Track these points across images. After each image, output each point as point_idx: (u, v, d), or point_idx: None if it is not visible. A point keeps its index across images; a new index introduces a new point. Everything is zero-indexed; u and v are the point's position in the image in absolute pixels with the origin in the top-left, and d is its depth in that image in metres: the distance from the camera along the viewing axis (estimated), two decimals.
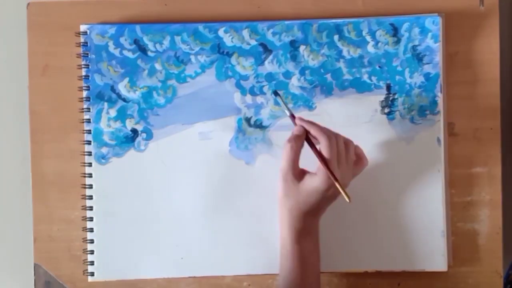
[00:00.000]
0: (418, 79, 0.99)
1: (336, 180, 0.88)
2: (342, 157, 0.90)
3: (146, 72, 0.99)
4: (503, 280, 1.01)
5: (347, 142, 0.92)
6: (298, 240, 0.92)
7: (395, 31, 0.99)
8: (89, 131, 0.99)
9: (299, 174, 0.91)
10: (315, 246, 0.94)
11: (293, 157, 0.91)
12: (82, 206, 0.99)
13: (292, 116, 0.93)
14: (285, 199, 0.92)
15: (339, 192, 0.89)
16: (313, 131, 0.91)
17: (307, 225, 0.92)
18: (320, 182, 0.89)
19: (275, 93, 0.96)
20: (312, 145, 0.91)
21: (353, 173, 0.93)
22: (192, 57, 0.99)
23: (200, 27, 0.99)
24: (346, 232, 0.99)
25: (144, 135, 0.99)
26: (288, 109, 0.94)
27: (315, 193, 0.90)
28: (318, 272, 0.94)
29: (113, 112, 0.99)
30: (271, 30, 0.99)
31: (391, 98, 0.99)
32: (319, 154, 0.89)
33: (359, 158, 0.94)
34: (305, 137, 0.92)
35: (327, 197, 0.91)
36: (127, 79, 0.99)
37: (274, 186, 0.95)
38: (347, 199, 0.87)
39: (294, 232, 0.92)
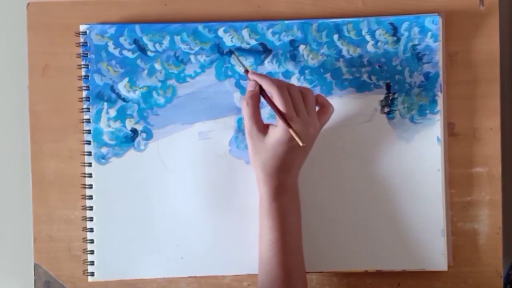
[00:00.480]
0: (418, 78, 0.99)
1: (289, 126, 0.87)
2: (300, 106, 0.90)
3: (145, 72, 0.99)
4: (503, 280, 1.01)
5: (304, 91, 0.91)
6: (275, 197, 0.92)
7: (394, 31, 0.99)
8: (89, 131, 0.99)
9: (264, 129, 0.91)
10: (294, 204, 0.94)
11: (252, 112, 0.91)
12: (82, 206, 0.99)
13: (246, 72, 0.94)
14: (256, 157, 0.92)
15: (310, 144, 0.91)
16: (265, 85, 0.91)
17: (282, 181, 0.92)
18: (282, 132, 0.88)
19: (231, 52, 0.97)
20: (267, 98, 0.91)
21: (320, 122, 0.92)
22: (192, 57, 0.99)
23: (200, 27, 0.99)
24: (346, 231, 0.99)
25: (144, 135, 0.99)
26: (243, 65, 0.95)
27: (280, 145, 0.89)
28: (299, 230, 0.93)
29: (113, 112, 0.99)
30: (270, 30, 0.99)
31: (391, 98, 0.99)
32: (274, 106, 0.89)
33: (323, 106, 0.93)
34: (259, 92, 0.92)
35: (293, 147, 0.90)
36: (126, 79, 0.99)
37: None
38: (300, 143, 0.87)
39: (270, 189, 0.92)
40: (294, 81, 0.99)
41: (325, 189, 0.99)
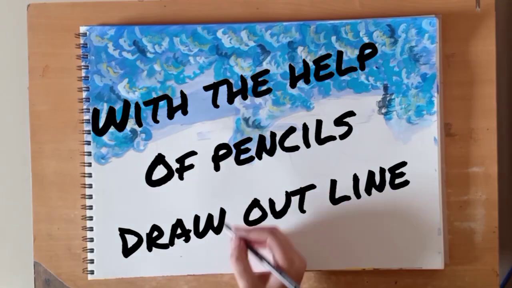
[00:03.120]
0: (415, 79, 0.99)
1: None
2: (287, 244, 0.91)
3: (145, 73, 0.99)
4: (501, 285, 1.02)
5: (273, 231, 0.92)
6: None
7: (392, 32, 0.99)
8: (88, 132, 0.99)
9: (260, 280, 0.90)
10: None
11: (243, 268, 0.90)
12: (82, 205, 1.00)
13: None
14: None
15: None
16: (255, 235, 0.92)
17: None
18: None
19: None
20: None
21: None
22: (191, 58, 0.99)
23: (199, 28, 0.99)
24: (344, 231, 0.99)
25: (143, 135, 0.99)
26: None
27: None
28: None
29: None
30: (269, 31, 0.99)
31: (388, 99, 1.00)
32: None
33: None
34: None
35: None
36: (126, 80, 0.99)
37: (273, 185, 0.96)
38: None
39: None
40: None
41: (323, 189, 0.99)
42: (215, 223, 0.99)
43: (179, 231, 0.99)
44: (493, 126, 1.00)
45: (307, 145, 0.99)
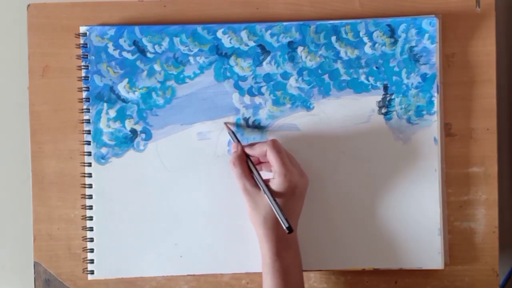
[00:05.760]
0: (415, 79, 0.99)
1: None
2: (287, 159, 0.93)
3: (145, 73, 0.99)
4: (501, 285, 1.02)
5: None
6: (278, 253, 0.91)
7: (392, 32, 0.99)
8: (88, 132, 0.99)
9: (257, 184, 0.93)
10: (297, 260, 0.93)
11: (241, 171, 0.93)
12: (82, 206, 1.00)
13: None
14: (255, 213, 0.92)
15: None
16: (256, 146, 0.95)
17: (284, 235, 0.91)
18: (281, 182, 0.90)
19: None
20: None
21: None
22: (191, 58, 0.99)
23: (199, 28, 0.99)
24: (344, 230, 0.99)
25: (143, 135, 1.00)
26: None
27: (281, 195, 0.91)
28: (302, 286, 0.93)
29: (112, 113, 0.99)
30: (269, 32, 0.99)
31: (388, 99, 1.00)
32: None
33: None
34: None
35: (293, 196, 0.92)
36: (126, 80, 0.99)
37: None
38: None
39: (273, 245, 0.91)
40: (292, 82, 1.00)
41: (323, 189, 0.99)
42: (215, 223, 0.99)
43: (179, 230, 0.99)
44: (493, 126, 1.00)
45: (307, 145, 0.99)
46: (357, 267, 1.00)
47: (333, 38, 0.99)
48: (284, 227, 0.88)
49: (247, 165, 0.94)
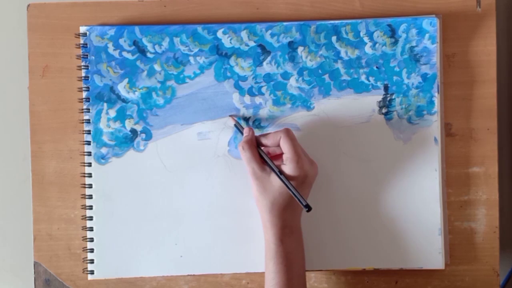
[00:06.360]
0: (415, 79, 0.99)
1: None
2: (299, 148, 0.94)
3: (145, 73, 0.99)
4: (501, 285, 1.02)
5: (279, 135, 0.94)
6: (282, 239, 0.92)
7: (392, 32, 0.99)
8: (88, 132, 0.99)
9: (266, 168, 0.93)
10: (299, 246, 0.94)
11: (250, 155, 0.93)
12: (82, 205, 1.00)
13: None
14: (262, 197, 0.92)
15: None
16: (270, 134, 0.95)
17: (289, 221, 0.93)
18: (292, 168, 0.91)
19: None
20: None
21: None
22: (191, 58, 0.99)
23: (199, 28, 0.99)
24: (344, 230, 0.99)
25: (143, 135, 1.00)
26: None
27: (291, 181, 0.91)
28: (303, 274, 0.94)
29: (112, 113, 0.99)
30: (269, 32, 0.99)
31: (388, 99, 1.00)
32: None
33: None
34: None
35: (303, 183, 0.92)
36: (126, 80, 0.99)
37: None
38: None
39: (277, 231, 0.92)
40: (293, 82, 0.99)
41: (323, 189, 0.99)
42: (215, 222, 0.99)
43: (179, 230, 0.99)
44: (493, 126, 1.00)
45: (307, 145, 0.99)
46: (357, 267, 1.00)
47: (334, 38, 0.99)
48: (302, 205, 0.90)
49: (257, 150, 0.94)
